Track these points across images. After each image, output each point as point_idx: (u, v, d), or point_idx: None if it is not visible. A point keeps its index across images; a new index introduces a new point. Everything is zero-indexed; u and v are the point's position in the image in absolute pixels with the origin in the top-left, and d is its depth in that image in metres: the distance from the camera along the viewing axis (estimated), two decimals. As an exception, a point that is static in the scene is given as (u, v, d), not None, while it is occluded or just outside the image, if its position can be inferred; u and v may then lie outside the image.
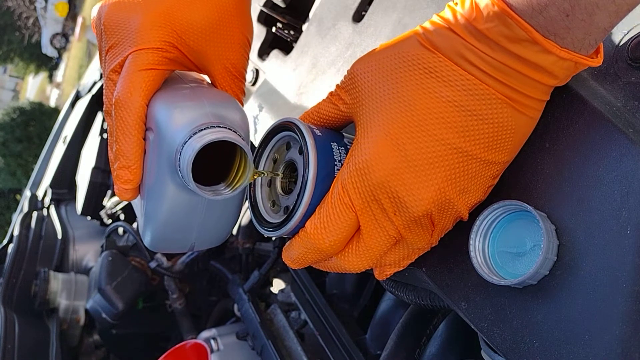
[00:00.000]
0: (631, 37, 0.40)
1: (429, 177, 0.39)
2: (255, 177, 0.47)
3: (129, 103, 0.46)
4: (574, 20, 0.34)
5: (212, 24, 0.49)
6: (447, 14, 0.39)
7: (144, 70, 0.47)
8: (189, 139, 0.42)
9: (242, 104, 0.53)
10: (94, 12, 0.52)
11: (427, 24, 0.40)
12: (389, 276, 0.46)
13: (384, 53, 0.42)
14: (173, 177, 0.45)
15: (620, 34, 0.41)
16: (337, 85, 0.45)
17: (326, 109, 0.46)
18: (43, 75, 16.67)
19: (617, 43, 0.41)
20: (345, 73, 0.44)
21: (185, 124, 0.43)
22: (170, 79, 0.51)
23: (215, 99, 0.47)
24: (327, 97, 0.46)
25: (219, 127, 0.43)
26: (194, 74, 0.54)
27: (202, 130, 0.42)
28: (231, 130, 0.44)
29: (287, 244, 0.45)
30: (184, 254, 1.20)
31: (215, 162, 0.45)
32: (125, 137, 0.46)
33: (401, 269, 0.46)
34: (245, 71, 0.54)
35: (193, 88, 0.49)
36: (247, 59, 0.54)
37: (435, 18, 0.39)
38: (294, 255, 0.44)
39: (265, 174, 0.47)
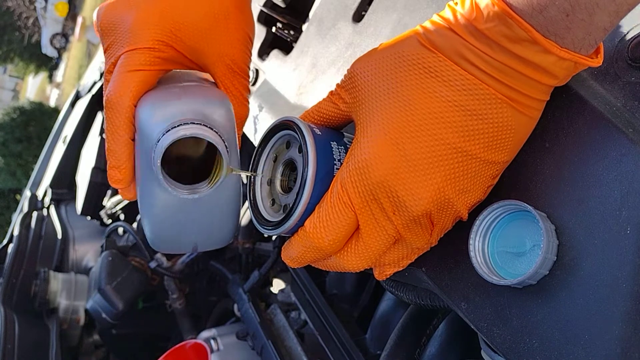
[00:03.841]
0: (631, 37, 0.40)
1: (428, 177, 0.39)
2: (231, 173, 0.46)
3: (117, 104, 0.46)
4: (574, 20, 0.34)
5: (210, 20, 0.49)
6: (447, 13, 0.39)
7: (133, 72, 0.46)
8: (162, 135, 0.42)
9: (247, 101, 0.53)
10: (95, 14, 0.52)
11: (427, 24, 0.40)
12: (388, 276, 0.46)
13: (384, 52, 0.42)
14: (157, 176, 0.45)
15: (620, 34, 0.41)
16: (338, 85, 0.45)
17: (326, 108, 0.46)
18: (43, 75, 16.67)
19: (617, 43, 0.41)
20: (345, 72, 0.44)
21: (161, 121, 0.43)
22: (167, 78, 0.51)
23: (200, 96, 0.46)
24: (328, 96, 0.46)
25: (194, 123, 0.42)
26: (198, 73, 0.54)
27: (176, 126, 0.42)
28: (207, 127, 0.43)
29: (286, 243, 0.45)
30: (183, 253, 1.20)
31: (201, 162, 0.45)
32: (114, 137, 0.46)
33: (401, 269, 0.46)
34: (249, 67, 0.53)
35: (184, 87, 0.49)
36: (249, 55, 0.53)
37: (435, 18, 0.39)
38: (293, 253, 0.44)
39: (241, 172, 0.46)
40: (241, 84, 0.52)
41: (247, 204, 0.50)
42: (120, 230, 1.35)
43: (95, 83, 1.84)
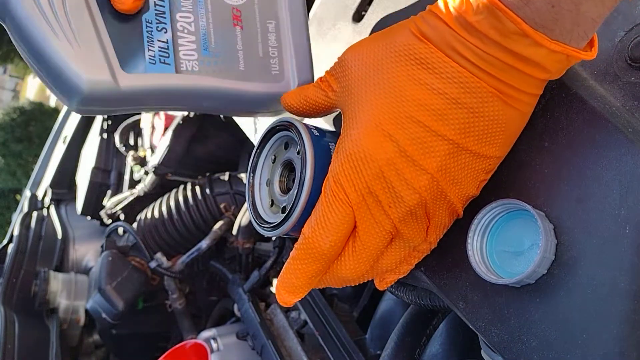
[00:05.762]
0: (631, 37, 0.40)
1: (421, 167, 0.38)
2: None
3: None
4: (560, 11, 0.33)
5: None
6: (439, 5, 0.38)
7: None
8: None
9: None
10: None
11: (420, 15, 0.39)
12: (390, 284, 0.46)
13: (376, 42, 0.41)
14: None
15: (620, 34, 0.41)
16: (327, 72, 0.44)
17: (314, 94, 0.45)
18: (43, 75, 16.62)
19: (617, 43, 0.41)
20: (336, 60, 0.44)
21: None
22: None
23: None
24: (316, 83, 0.45)
25: None
26: None
27: None
28: None
29: (281, 274, 0.42)
30: (183, 254, 1.20)
31: None
32: None
33: (401, 275, 0.45)
34: None
35: None
36: None
37: (428, 9, 0.39)
38: (292, 279, 0.41)
39: None
40: None
41: (246, 204, 0.50)
42: (120, 230, 1.35)
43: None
